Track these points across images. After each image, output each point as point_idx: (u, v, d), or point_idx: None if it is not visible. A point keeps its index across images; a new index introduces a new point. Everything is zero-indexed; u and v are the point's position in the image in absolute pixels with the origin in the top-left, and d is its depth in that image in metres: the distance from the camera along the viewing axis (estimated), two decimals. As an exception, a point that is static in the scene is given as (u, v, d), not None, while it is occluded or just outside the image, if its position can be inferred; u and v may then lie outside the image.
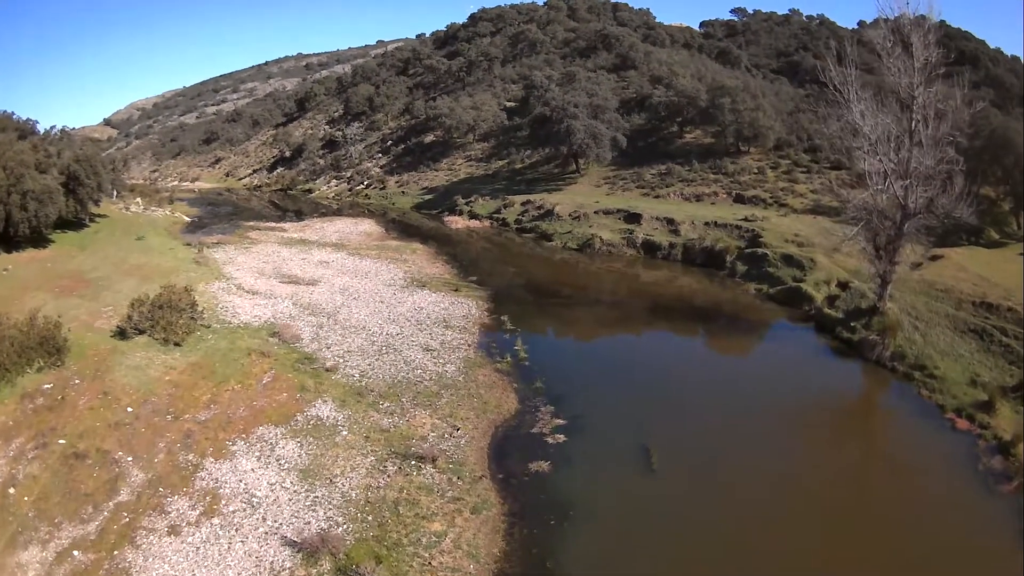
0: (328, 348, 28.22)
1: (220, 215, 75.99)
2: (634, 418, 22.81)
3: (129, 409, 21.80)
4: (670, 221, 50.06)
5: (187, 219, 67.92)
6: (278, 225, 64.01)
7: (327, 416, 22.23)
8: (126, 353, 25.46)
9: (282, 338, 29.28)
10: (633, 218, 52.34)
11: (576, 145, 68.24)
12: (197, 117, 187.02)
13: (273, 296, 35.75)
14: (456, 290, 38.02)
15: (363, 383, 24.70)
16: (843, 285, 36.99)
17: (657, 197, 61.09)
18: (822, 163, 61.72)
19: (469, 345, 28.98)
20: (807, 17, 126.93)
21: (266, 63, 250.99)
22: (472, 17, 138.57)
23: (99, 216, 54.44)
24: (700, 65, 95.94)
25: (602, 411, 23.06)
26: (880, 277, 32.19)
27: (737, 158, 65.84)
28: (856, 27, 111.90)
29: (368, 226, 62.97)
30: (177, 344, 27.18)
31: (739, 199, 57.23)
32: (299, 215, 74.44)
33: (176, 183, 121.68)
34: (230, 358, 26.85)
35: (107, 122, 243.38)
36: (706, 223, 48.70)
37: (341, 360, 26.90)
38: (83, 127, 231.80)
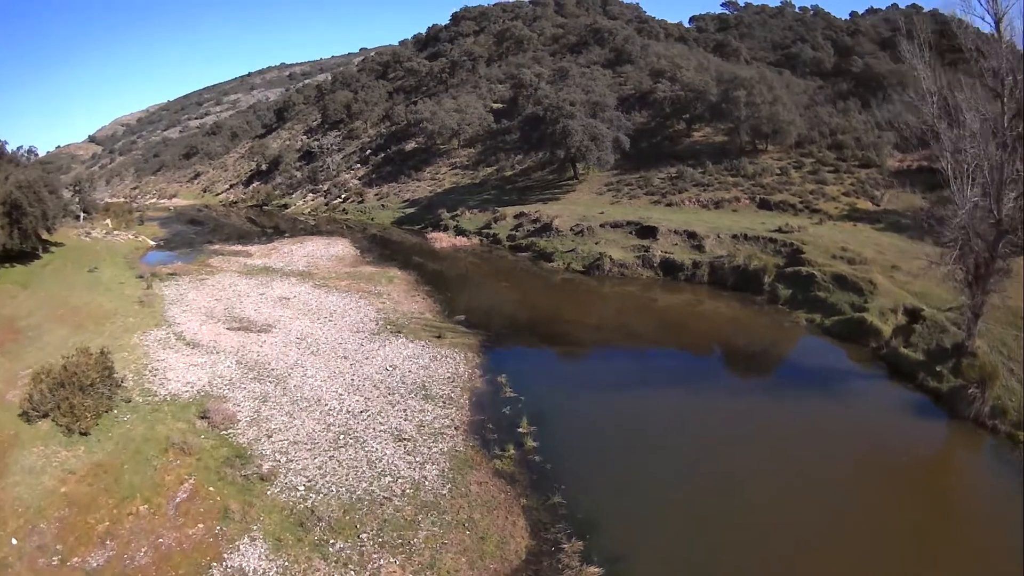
0: (269, 437, 21.27)
1: (188, 237, 69.75)
2: (697, 551, 15.76)
3: (14, 541, 16.70)
4: (691, 235, 42.90)
5: (152, 243, 62.37)
6: (243, 249, 57.15)
7: (254, 570, 15.29)
8: (26, 446, 20.34)
9: (212, 421, 22.59)
10: (647, 232, 45.09)
11: (574, 148, 60.78)
12: (180, 131, 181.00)
13: (216, 350, 29.09)
14: (439, 336, 30.80)
15: (308, 502, 17.63)
16: (912, 314, 30.34)
17: (669, 205, 54.13)
18: (850, 161, 55.31)
19: (457, 427, 21.73)
20: (800, 8, 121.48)
21: (249, 74, 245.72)
22: (454, 17, 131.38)
23: (55, 244, 49.46)
24: (701, 58, 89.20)
25: (652, 543, 15.94)
26: (971, 309, 25.73)
27: (755, 157, 59.00)
28: (848, 17, 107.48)
29: (341, 248, 55.91)
30: (83, 433, 21.31)
31: (764, 205, 50.43)
32: (272, 234, 67.80)
33: (154, 200, 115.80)
34: (143, 456, 20.70)
35: (92, 139, 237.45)
36: (733, 236, 41.62)
37: (283, 459, 19.91)
38: (68, 144, 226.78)
